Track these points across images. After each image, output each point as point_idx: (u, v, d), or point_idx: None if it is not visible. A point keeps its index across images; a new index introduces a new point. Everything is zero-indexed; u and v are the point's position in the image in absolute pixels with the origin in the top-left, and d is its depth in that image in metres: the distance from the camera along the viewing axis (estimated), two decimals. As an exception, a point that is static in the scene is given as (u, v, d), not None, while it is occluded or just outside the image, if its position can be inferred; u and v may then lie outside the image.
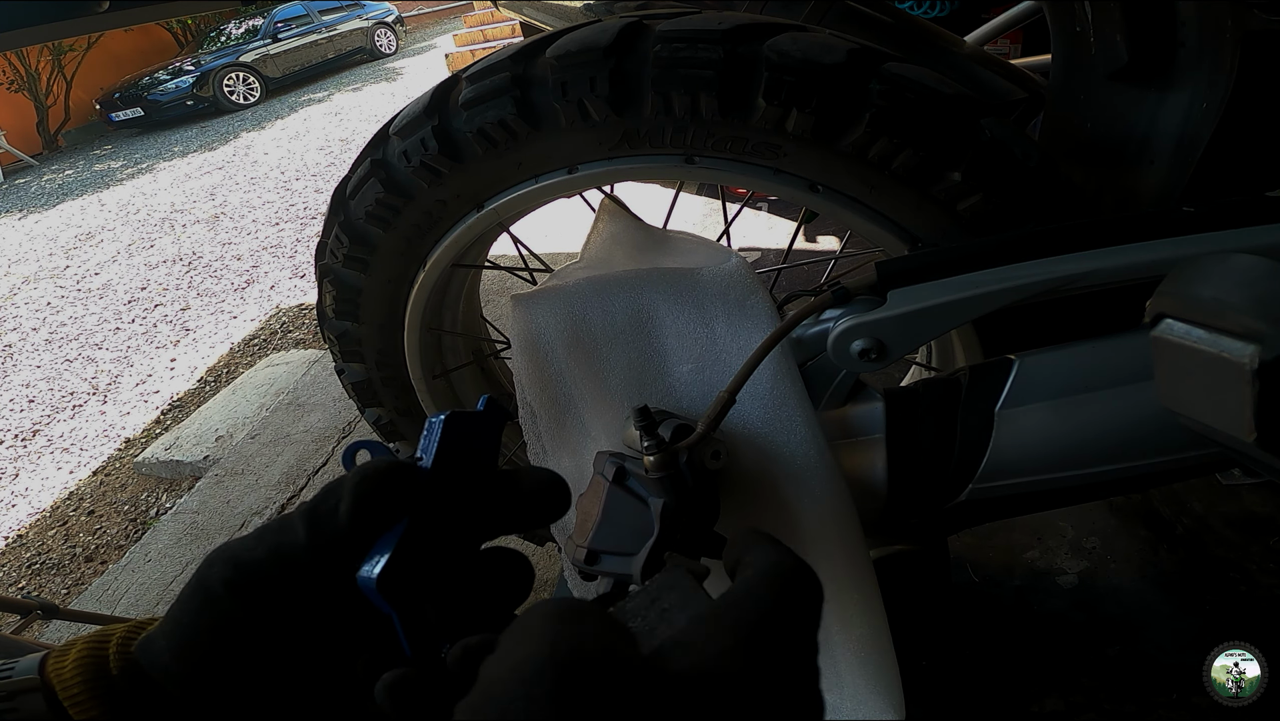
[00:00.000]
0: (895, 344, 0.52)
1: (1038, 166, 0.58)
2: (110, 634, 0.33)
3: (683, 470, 0.46)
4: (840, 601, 0.54)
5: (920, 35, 0.93)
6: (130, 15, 0.80)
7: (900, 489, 0.56)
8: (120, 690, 0.31)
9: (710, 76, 0.58)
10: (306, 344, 2.59)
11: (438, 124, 0.66)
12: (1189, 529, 1.03)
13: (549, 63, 0.62)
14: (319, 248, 0.80)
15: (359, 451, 0.34)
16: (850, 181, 0.61)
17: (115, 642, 0.33)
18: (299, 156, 5.62)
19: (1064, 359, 0.53)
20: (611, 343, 0.57)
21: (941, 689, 0.91)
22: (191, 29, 10.93)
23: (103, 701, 0.31)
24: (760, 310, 0.56)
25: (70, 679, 0.31)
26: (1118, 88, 0.68)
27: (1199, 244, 0.47)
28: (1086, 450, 0.52)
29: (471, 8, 7.22)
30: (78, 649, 0.32)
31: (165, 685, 0.31)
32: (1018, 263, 0.50)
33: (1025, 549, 1.06)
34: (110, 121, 9.21)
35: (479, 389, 1.02)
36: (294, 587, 0.31)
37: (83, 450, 2.33)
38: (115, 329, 3.27)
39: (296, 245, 3.71)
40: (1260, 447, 0.33)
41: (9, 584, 1.77)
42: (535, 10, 1.15)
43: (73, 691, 0.31)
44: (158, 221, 4.83)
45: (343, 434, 1.83)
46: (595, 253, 0.68)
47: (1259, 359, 0.32)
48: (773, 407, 0.54)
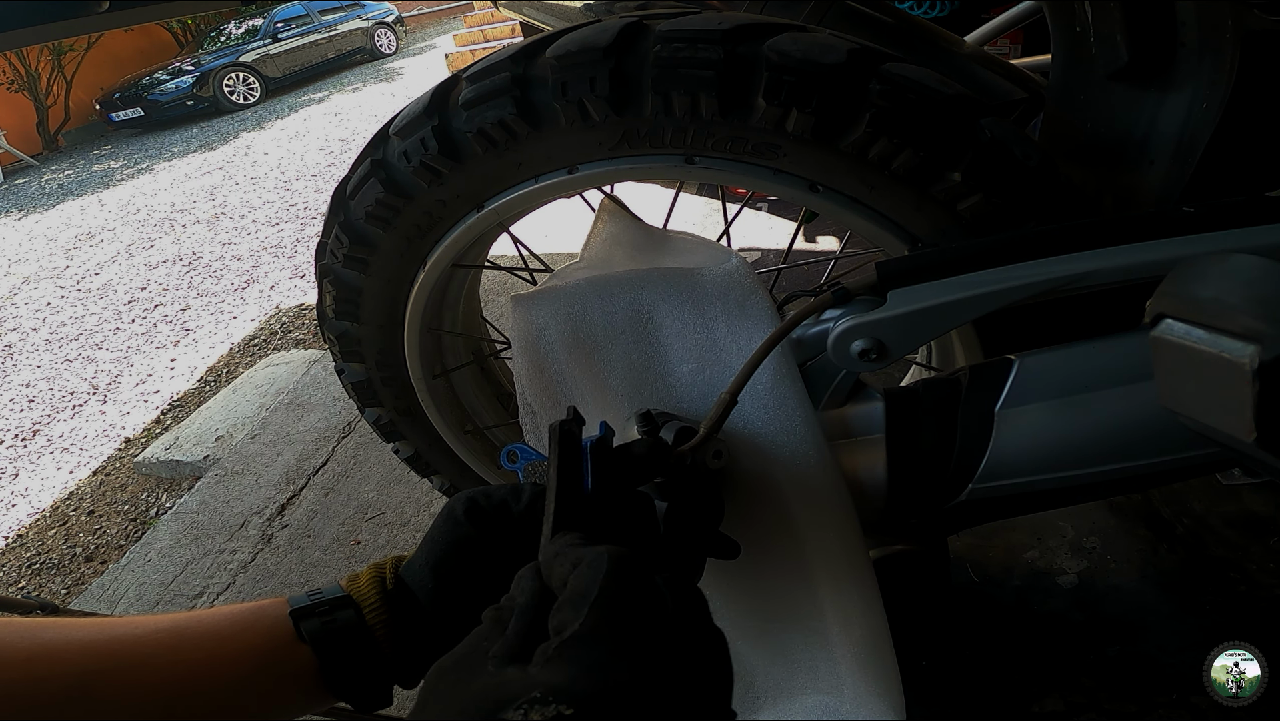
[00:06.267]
0: (895, 344, 0.52)
1: (1038, 166, 0.58)
2: (384, 561, 0.44)
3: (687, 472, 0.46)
4: (840, 601, 0.54)
5: (920, 35, 0.93)
6: (130, 15, 0.80)
7: (900, 489, 0.56)
8: (397, 603, 0.41)
9: (710, 76, 0.58)
10: (306, 344, 2.59)
11: (438, 124, 0.66)
12: (1189, 529, 1.03)
13: (549, 63, 0.62)
14: (319, 248, 0.80)
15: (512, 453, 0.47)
16: (850, 181, 0.61)
17: (389, 567, 0.43)
18: (299, 156, 5.62)
19: (1064, 359, 0.53)
20: (612, 343, 0.57)
21: (941, 689, 0.91)
22: (191, 29, 10.92)
23: (389, 609, 0.41)
24: (760, 310, 0.56)
25: (367, 594, 0.41)
26: (1118, 88, 0.68)
27: (1199, 244, 0.47)
28: (1086, 450, 0.52)
29: (471, 8, 7.22)
30: (367, 573, 0.43)
31: (420, 597, 0.42)
32: (1018, 263, 0.50)
33: (1025, 549, 1.06)
34: (110, 121, 9.21)
35: (479, 389, 1.02)
36: (508, 527, 0.43)
37: (83, 450, 2.33)
38: (115, 329, 3.27)
39: (296, 245, 3.71)
40: (1260, 447, 0.33)
41: (9, 584, 1.77)
42: (535, 10, 1.15)
43: (371, 601, 0.41)
44: (158, 221, 4.83)
45: (343, 434, 1.82)
46: (595, 253, 0.68)
47: (1259, 359, 0.32)
48: (773, 408, 0.54)
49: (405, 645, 0.41)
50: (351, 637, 0.40)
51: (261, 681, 0.38)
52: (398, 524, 1.47)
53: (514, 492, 0.45)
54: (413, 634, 0.41)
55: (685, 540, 0.45)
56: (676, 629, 0.26)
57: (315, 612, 0.40)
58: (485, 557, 0.42)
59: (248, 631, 0.39)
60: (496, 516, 0.44)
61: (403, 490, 1.55)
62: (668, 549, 0.44)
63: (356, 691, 0.40)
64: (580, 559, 0.28)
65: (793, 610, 0.55)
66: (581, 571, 0.27)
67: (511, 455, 0.47)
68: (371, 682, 0.41)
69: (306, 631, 0.39)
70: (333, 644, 0.39)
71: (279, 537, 1.53)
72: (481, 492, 0.44)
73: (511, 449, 0.47)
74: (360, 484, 1.62)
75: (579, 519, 0.36)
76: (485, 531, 0.43)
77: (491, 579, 0.42)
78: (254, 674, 0.38)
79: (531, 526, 0.43)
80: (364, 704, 0.41)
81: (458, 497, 0.44)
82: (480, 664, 0.25)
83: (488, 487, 0.45)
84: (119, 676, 0.34)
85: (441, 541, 0.43)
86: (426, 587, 0.42)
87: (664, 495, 0.46)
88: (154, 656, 0.36)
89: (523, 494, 0.45)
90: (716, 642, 0.27)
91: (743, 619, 0.57)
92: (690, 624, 0.27)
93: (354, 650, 0.40)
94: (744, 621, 0.56)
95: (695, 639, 0.26)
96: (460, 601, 0.42)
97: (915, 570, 0.80)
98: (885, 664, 0.53)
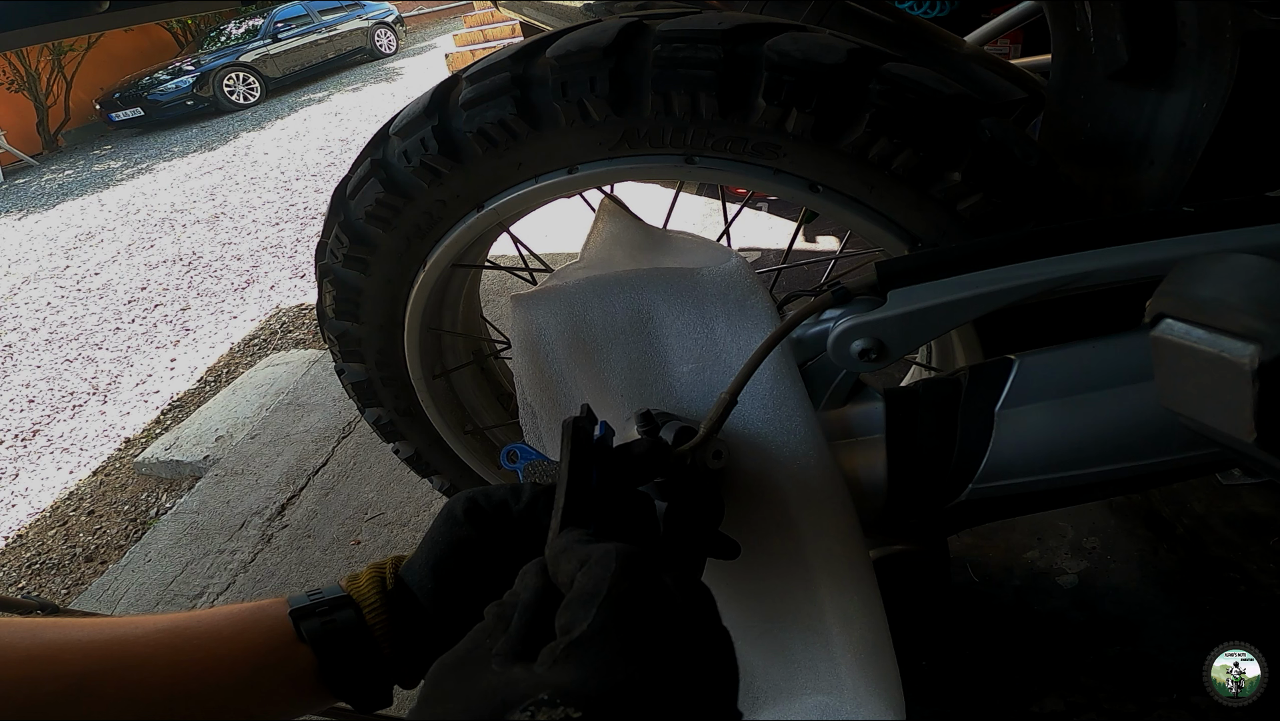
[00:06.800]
0: (895, 344, 0.52)
1: (1038, 166, 0.58)
2: (384, 561, 0.44)
3: (687, 472, 0.46)
4: (840, 601, 0.54)
5: (920, 35, 0.93)
6: (130, 15, 0.80)
7: (900, 489, 0.56)
8: (397, 603, 0.42)
9: (710, 76, 0.58)
10: (306, 344, 2.59)
11: (438, 124, 0.66)
12: (1189, 529, 1.03)
13: (549, 63, 0.62)
14: (319, 248, 0.80)
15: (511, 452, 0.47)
16: (850, 181, 0.61)
17: (389, 567, 0.44)
18: (299, 156, 5.62)
19: (1064, 359, 0.53)
20: (612, 343, 0.57)
21: (941, 689, 0.91)
22: (191, 29, 10.92)
23: (389, 609, 0.41)
24: (760, 310, 0.56)
25: (367, 594, 0.42)
26: (1118, 88, 0.68)
27: (1199, 244, 0.47)
28: (1086, 450, 0.52)
29: (471, 8, 7.21)
30: (367, 574, 0.43)
31: (420, 597, 0.42)
32: (1018, 263, 0.50)
33: (1025, 549, 1.06)
34: (110, 121, 9.21)
35: (479, 389, 1.02)
36: (508, 527, 0.43)
37: (83, 450, 2.33)
38: (115, 329, 3.27)
39: (296, 245, 3.71)
40: (1260, 447, 0.33)
41: (9, 584, 1.77)
42: (535, 10, 1.15)
43: (371, 601, 0.41)
44: (158, 221, 4.83)
45: (343, 434, 1.82)
46: (595, 253, 0.68)
47: (1259, 359, 0.32)
48: (773, 408, 0.54)
49: (405, 645, 0.41)
50: (351, 637, 0.40)
51: (261, 681, 0.38)
52: (398, 524, 1.47)
53: (514, 492, 0.45)
54: (413, 634, 0.41)
55: (685, 540, 0.45)
56: (685, 629, 0.25)
57: (315, 612, 0.40)
58: (485, 558, 0.43)
59: (248, 631, 0.39)
60: (496, 516, 0.44)
61: (403, 490, 1.55)
62: (668, 549, 0.44)
63: (356, 691, 0.40)
64: (588, 556, 0.27)
65: (793, 610, 0.55)
66: (590, 569, 0.27)
67: (511, 455, 0.47)
68: (371, 682, 0.41)
69: (306, 631, 0.39)
70: (333, 644, 0.39)
71: (279, 537, 1.53)
72: (481, 493, 0.44)
73: (511, 449, 0.47)
74: (360, 484, 1.62)
75: (587, 516, 0.36)
76: (485, 531, 0.43)
77: (491, 579, 0.42)
78: (254, 674, 0.38)
79: (531, 526, 0.43)
80: (364, 704, 0.41)
81: (457, 497, 0.44)
82: (484, 661, 0.25)
83: (488, 487, 0.45)
84: (119, 676, 0.34)
85: (441, 541, 0.43)
86: (426, 588, 0.42)
87: (664, 495, 0.46)
88: (154, 656, 0.36)
89: (523, 494, 0.44)
90: (724, 643, 0.27)
91: (743, 619, 0.56)
92: (698, 623, 0.26)
93: (354, 650, 0.40)
94: (744, 621, 0.56)
95: (703, 639, 0.26)
96: (460, 601, 0.42)
97: (915, 570, 0.81)
98: (885, 664, 0.53)
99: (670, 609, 0.26)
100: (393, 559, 0.45)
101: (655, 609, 0.25)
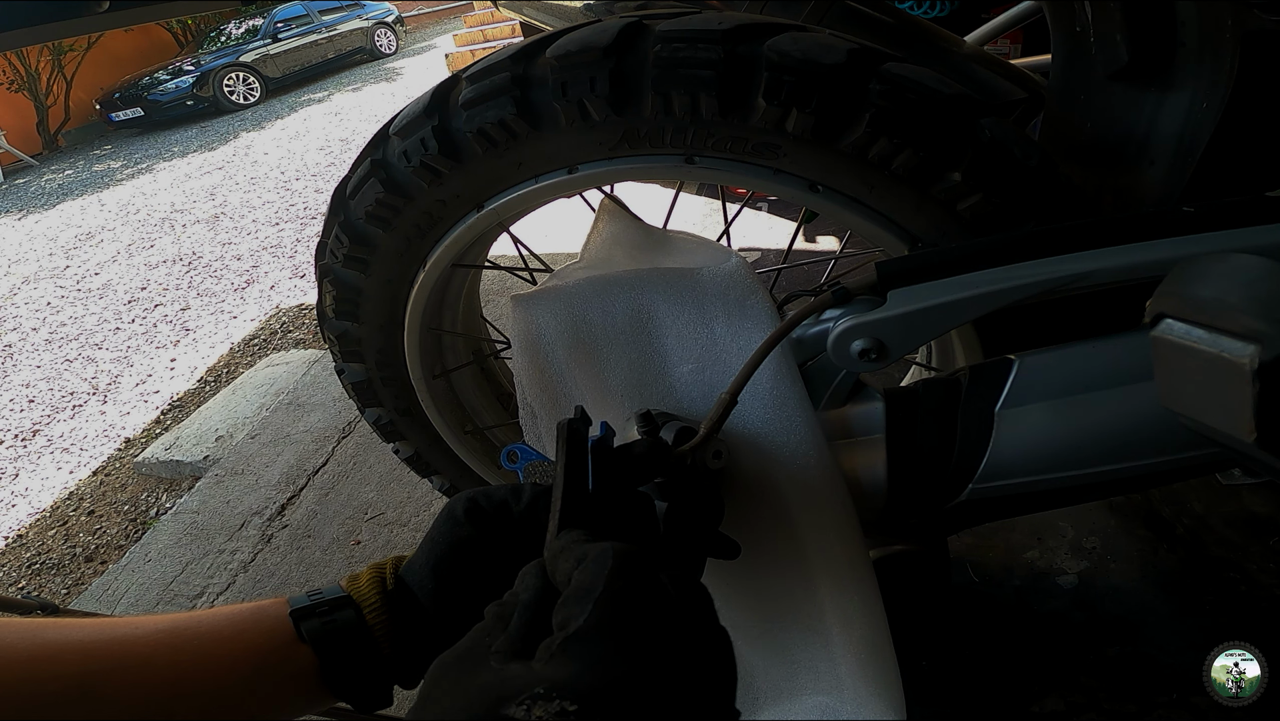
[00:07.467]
0: (895, 344, 0.52)
1: (1038, 166, 0.58)
2: (385, 561, 0.44)
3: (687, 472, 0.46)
4: (840, 601, 0.54)
5: (920, 35, 0.93)
6: (130, 15, 0.80)
7: (900, 489, 0.56)
8: (397, 603, 0.42)
9: (710, 76, 0.58)
10: (306, 344, 2.59)
11: (438, 124, 0.66)
12: (1189, 529, 1.03)
13: (549, 63, 0.62)
14: (319, 248, 0.80)
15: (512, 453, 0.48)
16: (850, 181, 0.61)
17: (389, 567, 0.44)
18: (299, 156, 5.62)
19: (1064, 359, 0.53)
20: (612, 343, 0.57)
21: (941, 689, 0.91)
22: (191, 29, 10.92)
23: (389, 609, 0.41)
24: (760, 310, 0.56)
25: (367, 594, 0.42)
26: (1118, 88, 0.68)
27: (1199, 244, 0.47)
28: (1086, 450, 0.52)
29: (471, 8, 7.22)
30: (367, 574, 0.43)
31: (420, 597, 0.42)
32: (1018, 263, 0.50)
33: (1025, 549, 1.06)
34: (110, 121, 9.21)
35: (479, 389, 1.02)
36: (509, 527, 0.43)
37: (83, 450, 2.33)
38: (115, 329, 3.27)
39: (296, 245, 3.71)
40: (1260, 447, 0.33)
41: (9, 584, 1.77)
42: (535, 10, 1.15)
43: (371, 602, 0.41)
44: (158, 221, 4.83)
45: (343, 434, 1.82)
46: (595, 253, 0.68)
47: (1259, 359, 0.32)
48: (773, 408, 0.54)
49: (405, 645, 0.41)
50: (352, 637, 0.40)
51: (262, 681, 0.38)
52: (398, 524, 1.47)
53: (514, 493, 0.45)
54: (413, 634, 0.41)
55: (685, 540, 0.45)
56: (681, 625, 0.26)
57: (315, 613, 0.40)
58: (485, 558, 0.43)
59: (248, 631, 0.39)
60: (497, 516, 0.44)
61: (403, 490, 1.55)
62: (667, 548, 0.44)
63: (356, 691, 0.40)
64: (585, 554, 0.28)
65: (793, 610, 0.55)
66: (586, 567, 0.27)
67: (511, 455, 0.47)
68: (371, 682, 0.41)
69: (307, 631, 0.39)
70: (333, 644, 0.39)
71: (279, 537, 1.53)
72: (482, 493, 0.45)
73: (511, 449, 0.47)
74: (360, 484, 1.62)
75: (584, 517, 0.36)
76: (485, 531, 0.43)
77: (492, 579, 0.42)
78: (254, 674, 0.38)
79: (532, 526, 0.43)
80: (364, 704, 0.41)
81: (458, 498, 0.44)
82: (483, 659, 0.25)
83: (488, 488, 0.45)
84: (119, 676, 0.34)
85: (442, 541, 0.43)
86: (427, 588, 0.42)
87: (664, 495, 0.46)
88: (154, 656, 0.36)
89: (523, 494, 0.45)
90: (721, 641, 0.27)
91: (743, 619, 0.57)
92: (695, 621, 0.27)
93: (354, 650, 0.40)
94: (744, 621, 0.56)
95: (700, 636, 0.26)
96: (460, 601, 0.42)
97: (915, 570, 0.81)
98: (885, 664, 0.53)
99: (666, 606, 0.26)
100: (393, 559, 0.45)
101: (651, 606, 0.26)
